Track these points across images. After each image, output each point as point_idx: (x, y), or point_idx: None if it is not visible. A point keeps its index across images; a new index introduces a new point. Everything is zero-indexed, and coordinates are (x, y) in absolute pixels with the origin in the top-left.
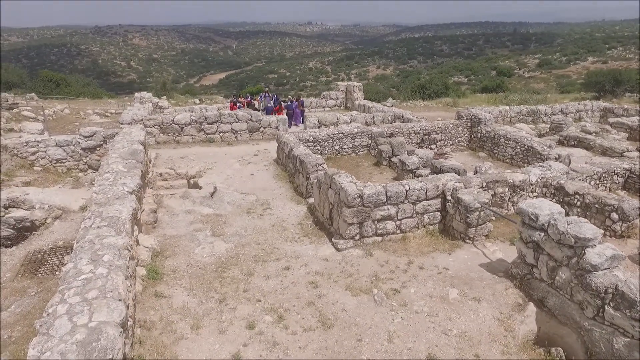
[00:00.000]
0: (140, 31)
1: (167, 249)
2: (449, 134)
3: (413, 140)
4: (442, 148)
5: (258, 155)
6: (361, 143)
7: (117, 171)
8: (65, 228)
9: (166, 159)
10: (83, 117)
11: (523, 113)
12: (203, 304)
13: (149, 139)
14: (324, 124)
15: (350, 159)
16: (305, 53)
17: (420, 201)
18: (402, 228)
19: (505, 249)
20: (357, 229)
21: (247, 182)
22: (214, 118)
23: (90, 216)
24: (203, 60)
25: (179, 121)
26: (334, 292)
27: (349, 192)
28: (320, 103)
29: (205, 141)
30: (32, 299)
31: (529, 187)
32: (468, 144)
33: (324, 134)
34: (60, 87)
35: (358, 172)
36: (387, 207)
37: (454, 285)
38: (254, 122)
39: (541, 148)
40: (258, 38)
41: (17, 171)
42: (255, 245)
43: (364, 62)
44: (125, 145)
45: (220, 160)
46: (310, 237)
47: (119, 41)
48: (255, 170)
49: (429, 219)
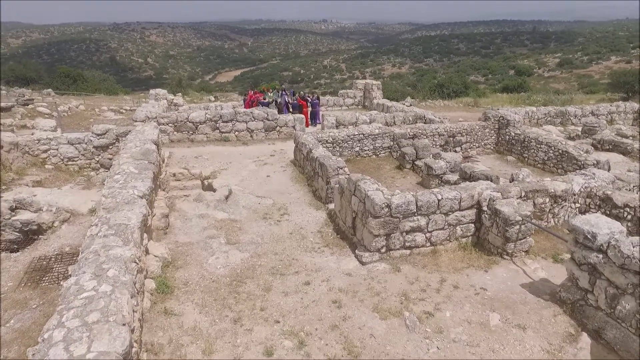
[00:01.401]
0: (158, 28)
1: (178, 258)
2: (474, 136)
3: (437, 143)
4: (468, 151)
5: (274, 156)
6: (382, 145)
7: (128, 172)
8: (73, 232)
9: (180, 158)
10: (98, 113)
11: (551, 114)
12: (216, 323)
13: (163, 137)
14: (342, 124)
15: (371, 162)
16: (320, 51)
17: (453, 212)
18: (433, 240)
19: (547, 266)
20: (384, 241)
21: (263, 185)
22: (230, 116)
23: (97, 223)
24: (218, 57)
25: (194, 119)
26: (360, 313)
27: (376, 201)
28: (337, 102)
29: (220, 140)
30: (33, 313)
31: (572, 197)
32: (495, 146)
33: (343, 134)
34: (77, 83)
35: (380, 175)
36: (416, 218)
37: (495, 309)
38: (270, 120)
39: (577, 153)
40: (273, 35)
41: (29, 169)
42: (272, 255)
43: (379, 60)
44: (138, 144)
45: (235, 161)
46: (331, 247)
47: (137, 38)
48: (271, 171)
49: (461, 231)
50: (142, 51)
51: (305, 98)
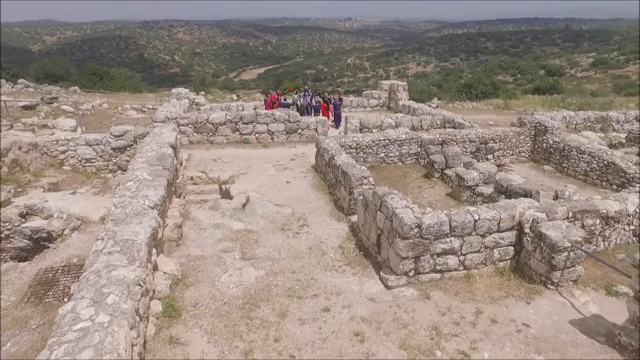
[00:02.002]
0: (185, 26)
1: (189, 274)
2: (508, 143)
3: (467, 149)
4: (501, 158)
5: (295, 160)
6: (409, 151)
7: (141, 179)
8: (82, 242)
9: (199, 160)
10: (120, 112)
11: (591, 120)
12: (225, 355)
13: (182, 138)
14: (366, 127)
15: (397, 169)
16: (344, 49)
17: (490, 233)
18: (467, 264)
19: (599, 300)
20: (412, 264)
21: (282, 191)
22: (250, 118)
23: (103, 236)
24: (243, 54)
25: (214, 120)
26: (385, 350)
27: (405, 220)
28: (361, 102)
29: (240, 142)
30: (32, 335)
31: (625, 218)
32: (530, 154)
33: (368, 139)
34: (104, 81)
35: (406, 184)
36: (450, 240)
37: (541, 351)
38: (292, 123)
39: (625, 165)
40: (297, 33)
41: (46, 171)
42: (289, 274)
43: (403, 59)
44: (154, 147)
45: (254, 165)
46: (353, 266)
47: (164, 35)
48: (291, 177)
49: (499, 255)
50: (169, 48)
51: (327, 99)
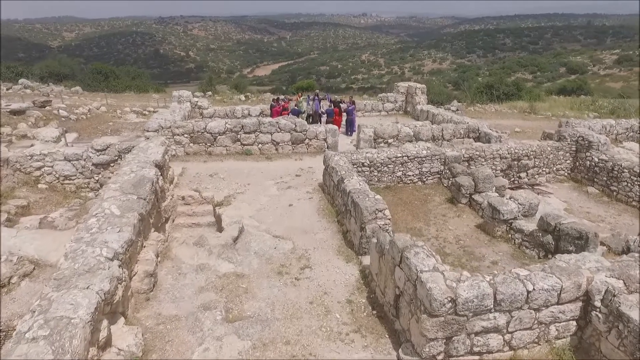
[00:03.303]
0: (200, 22)
1: (153, 348)
2: (545, 160)
3: (497, 167)
4: (535, 177)
5: (300, 177)
6: (430, 169)
7: (107, 215)
8: (32, 294)
9: (193, 175)
10: (119, 115)
11: (634, 129)
12: None
13: (178, 149)
14: (381, 137)
15: (416, 190)
16: (358, 45)
17: (547, 306)
18: (513, 344)
19: None
20: (442, 346)
21: (283, 218)
22: (252, 127)
23: (35, 309)
24: (257, 50)
25: (212, 130)
26: None
27: (435, 294)
28: (375, 106)
29: (241, 153)
30: None
31: None
32: (570, 173)
33: (383, 156)
34: (109, 80)
35: (428, 211)
36: (493, 316)
37: None
38: (299, 132)
39: None
40: (312, 29)
41: (18, 190)
42: (282, 345)
43: (419, 55)
44: (135, 168)
45: (254, 182)
46: (364, 334)
47: (180, 31)
48: (295, 198)
49: (557, 332)
50: (184, 44)
51: (339, 104)
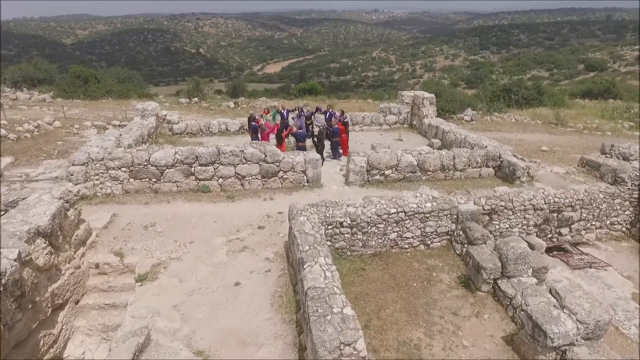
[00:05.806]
0: (211, 19)
1: None
2: (594, 211)
3: (530, 221)
4: (581, 233)
5: (264, 229)
6: (437, 229)
7: None
8: None
9: (123, 227)
10: (76, 131)
11: None
12: None
13: (114, 186)
14: (376, 167)
15: (416, 260)
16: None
17: None
18: None
19: None
20: None
21: (220, 310)
22: (210, 157)
23: None
24: (268, 47)
25: (158, 162)
26: None
27: None
28: (376, 119)
29: (195, 191)
30: None
31: None
32: (630, 228)
33: (370, 212)
34: (88, 85)
35: (431, 304)
36: None
37: None
38: (270, 163)
39: None
40: (323, 26)
41: None
42: None
43: (431, 52)
44: None
45: (200, 239)
46: None
47: (191, 28)
48: (247, 270)
49: None
50: (195, 42)
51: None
